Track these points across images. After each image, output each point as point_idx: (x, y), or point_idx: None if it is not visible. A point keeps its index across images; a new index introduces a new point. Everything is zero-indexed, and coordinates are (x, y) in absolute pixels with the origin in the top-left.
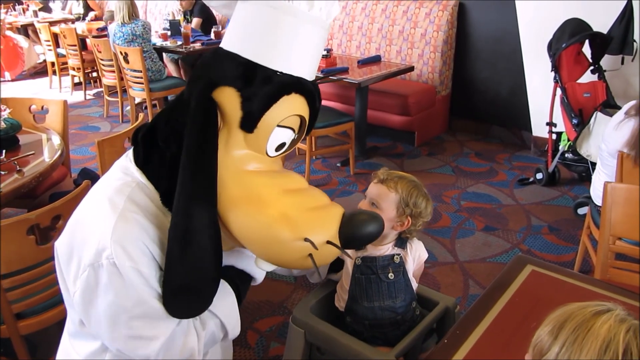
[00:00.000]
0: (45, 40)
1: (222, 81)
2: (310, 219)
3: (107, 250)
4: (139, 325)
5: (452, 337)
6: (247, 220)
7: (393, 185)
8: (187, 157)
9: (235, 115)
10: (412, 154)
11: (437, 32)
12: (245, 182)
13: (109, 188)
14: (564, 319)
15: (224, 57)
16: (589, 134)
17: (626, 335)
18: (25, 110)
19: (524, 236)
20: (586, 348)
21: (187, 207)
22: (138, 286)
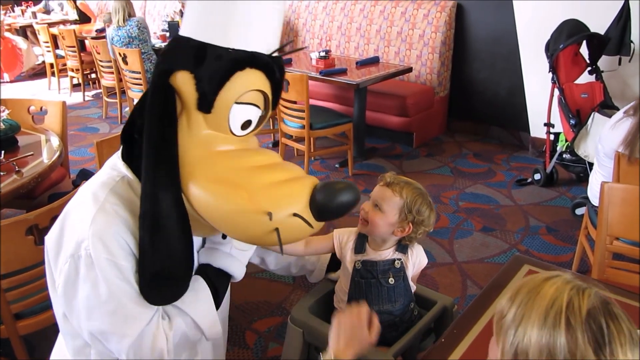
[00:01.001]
0: (44, 42)
1: (175, 66)
2: (274, 192)
3: (86, 241)
4: (111, 320)
5: (450, 336)
6: (213, 201)
7: (398, 189)
8: (148, 144)
9: (192, 98)
10: (411, 155)
11: (435, 33)
12: (210, 163)
13: (94, 183)
14: (520, 286)
15: (179, 43)
16: (587, 135)
17: (570, 292)
18: (24, 111)
19: (522, 237)
20: (536, 306)
21: (153, 194)
22: (112, 280)
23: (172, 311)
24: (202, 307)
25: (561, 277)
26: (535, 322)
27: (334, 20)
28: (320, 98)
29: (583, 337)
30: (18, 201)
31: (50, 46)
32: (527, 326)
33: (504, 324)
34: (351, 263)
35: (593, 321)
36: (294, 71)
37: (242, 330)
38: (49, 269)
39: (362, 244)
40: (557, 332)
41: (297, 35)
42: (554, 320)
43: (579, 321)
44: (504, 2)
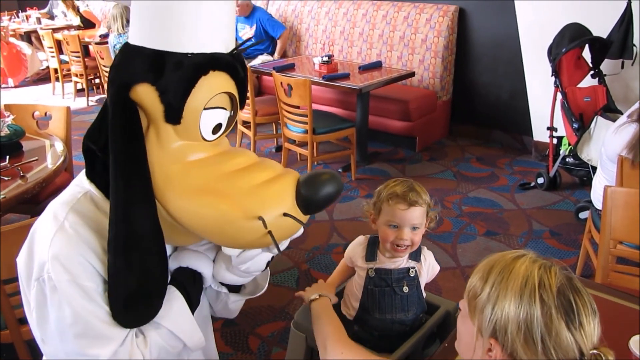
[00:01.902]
0: (48, 47)
1: (133, 79)
2: (260, 196)
3: (47, 264)
4: (81, 343)
5: (453, 341)
6: (199, 211)
7: (420, 198)
8: (116, 164)
9: (158, 110)
10: (414, 159)
11: (437, 37)
12: (189, 174)
13: (57, 201)
14: (490, 266)
15: (131, 54)
16: (590, 138)
17: (539, 271)
18: (29, 116)
19: (525, 241)
20: (510, 284)
21: (125, 215)
22: (76, 301)
23: (145, 326)
24: (178, 317)
25: (528, 256)
26: (511, 299)
27: (336, 25)
28: (323, 103)
29: (556, 312)
30: (22, 206)
31: (55, 51)
32: (504, 304)
33: (478, 303)
34: (364, 270)
35: (563, 297)
36: (297, 76)
37: (245, 335)
38: (22, 291)
39: (374, 252)
40: (532, 309)
41: (300, 40)
42: (529, 298)
43: (551, 298)
44: (506, 6)
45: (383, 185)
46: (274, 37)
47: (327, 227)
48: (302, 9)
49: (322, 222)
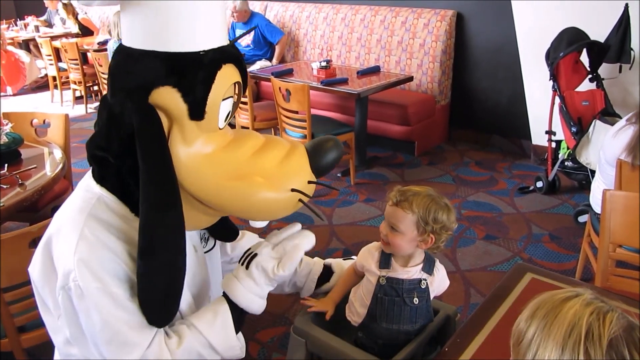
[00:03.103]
0: (46, 55)
1: (153, 84)
2: (286, 172)
3: (73, 272)
4: (109, 349)
5: (453, 345)
6: (236, 196)
7: (408, 205)
8: (147, 170)
9: (181, 110)
10: (413, 163)
11: (435, 42)
12: (218, 163)
13: (70, 208)
14: (537, 306)
15: (141, 59)
16: (588, 142)
17: (589, 318)
18: (27, 124)
19: (524, 245)
20: (554, 332)
21: (158, 218)
22: (105, 308)
23: (185, 331)
24: (220, 330)
25: (581, 298)
26: (552, 350)
27: (334, 30)
28: (322, 108)
29: None
30: (21, 214)
31: (53, 59)
32: (544, 354)
33: (521, 349)
34: (375, 277)
35: (615, 352)
36: (295, 81)
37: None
38: (38, 297)
39: (388, 259)
40: None
41: (298, 46)
42: (572, 351)
43: (599, 352)
44: (504, 11)
45: None
46: (272, 42)
47: (326, 231)
48: (300, 14)
49: (321, 226)
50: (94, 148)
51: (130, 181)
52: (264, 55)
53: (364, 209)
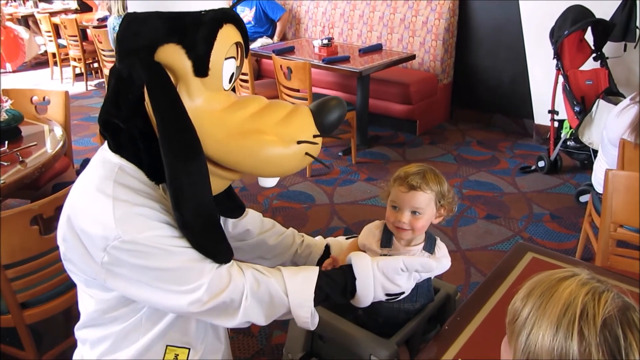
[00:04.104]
0: (45, 31)
1: (157, 42)
2: (291, 126)
3: (114, 231)
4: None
5: (453, 324)
6: (245, 150)
7: (425, 185)
8: (164, 120)
9: (186, 66)
10: (414, 142)
11: (438, 20)
12: (224, 121)
13: (93, 179)
14: (534, 286)
15: (145, 20)
16: (591, 122)
17: (584, 298)
18: (27, 101)
19: (525, 224)
20: (549, 311)
21: (187, 170)
22: (157, 253)
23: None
24: (300, 281)
25: (577, 278)
26: (547, 329)
27: (336, 7)
28: (323, 86)
29: (597, 350)
30: (22, 191)
31: (52, 36)
32: (539, 332)
33: (516, 327)
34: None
35: (609, 332)
36: (297, 59)
37: None
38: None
39: (389, 238)
40: (569, 342)
41: (300, 23)
42: (567, 330)
43: (592, 332)
44: None
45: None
46: (273, 19)
47: (327, 210)
48: None
49: (322, 205)
50: (104, 115)
51: (141, 145)
52: (265, 33)
53: (365, 188)
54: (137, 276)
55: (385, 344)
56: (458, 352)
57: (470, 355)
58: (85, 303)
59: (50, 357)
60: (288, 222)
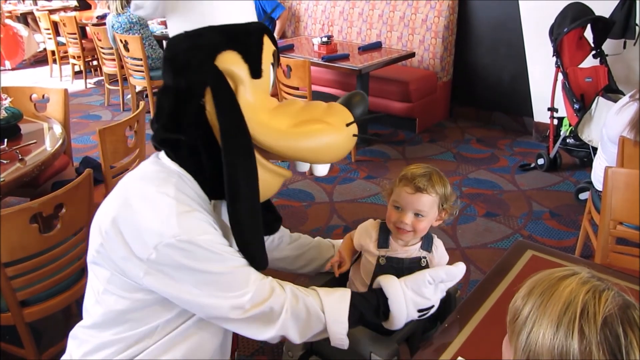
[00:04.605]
0: (45, 29)
1: (217, 51)
2: (337, 114)
3: (173, 229)
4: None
5: (453, 321)
6: (303, 139)
7: (431, 188)
8: (227, 124)
9: (244, 69)
10: (414, 140)
11: (438, 17)
12: (281, 115)
13: (152, 180)
14: (534, 284)
15: (201, 34)
16: (591, 119)
17: (585, 296)
18: (26, 99)
19: (525, 222)
20: (549, 310)
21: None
22: (210, 257)
23: (301, 287)
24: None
25: (577, 277)
26: (547, 328)
27: (336, 5)
28: (323, 84)
29: (598, 348)
30: (21, 189)
31: (52, 33)
32: (539, 331)
33: (516, 326)
34: (374, 257)
35: (609, 330)
36: (296, 57)
37: None
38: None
39: (386, 238)
40: (569, 341)
41: (299, 21)
42: (567, 329)
43: (593, 330)
44: None
45: (406, 167)
46: (272, 17)
47: (327, 208)
48: None
49: (322, 203)
50: (162, 134)
51: (202, 156)
52: None
53: (365, 186)
54: (183, 277)
55: (385, 342)
56: (458, 350)
57: (470, 353)
58: (102, 302)
59: (50, 355)
60: (288, 220)
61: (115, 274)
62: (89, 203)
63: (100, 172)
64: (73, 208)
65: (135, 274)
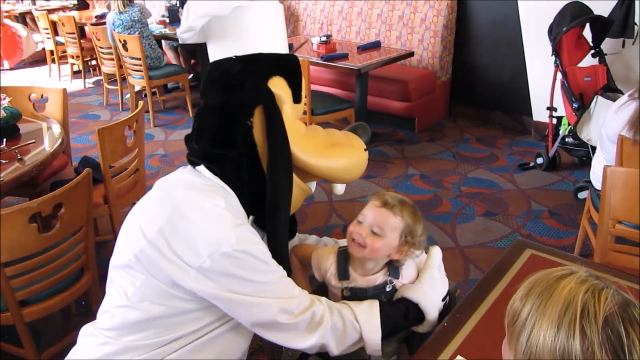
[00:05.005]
0: (43, 29)
1: (269, 75)
2: (355, 139)
3: (230, 238)
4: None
5: (452, 320)
6: (336, 158)
7: (399, 211)
8: (275, 141)
9: (288, 94)
10: (413, 140)
11: (437, 16)
12: (316, 136)
13: (200, 192)
14: (532, 285)
15: (257, 60)
16: (590, 118)
17: (584, 296)
18: (25, 98)
19: (524, 221)
20: (549, 311)
21: (282, 179)
22: (261, 267)
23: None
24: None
25: (575, 276)
26: (548, 328)
27: (335, 4)
28: (322, 83)
29: (600, 348)
30: (20, 189)
31: (50, 33)
32: (540, 333)
33: (515, 328)
34: (338, 290)
35: (610, 329)
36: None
37: None
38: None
39: (345, 270)
40: (571, 342)
41: (298, 20)
42: (568, 329)
43: (594, 330)
44: None
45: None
46: None
47: (326, 208)
48: None
49: (321, 203)
50: (208, 149)
51: (244, 172)
52: None
53: (364, 185)
54: (235, 283)
55: (385, 341)
56: (457, 348)
57: (469, 351)
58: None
59: (49, 354)
60: None
61: (151, 279)
62: (88, 203)
63: (99, 172)
64: (72, 208)
65: (181, 279)
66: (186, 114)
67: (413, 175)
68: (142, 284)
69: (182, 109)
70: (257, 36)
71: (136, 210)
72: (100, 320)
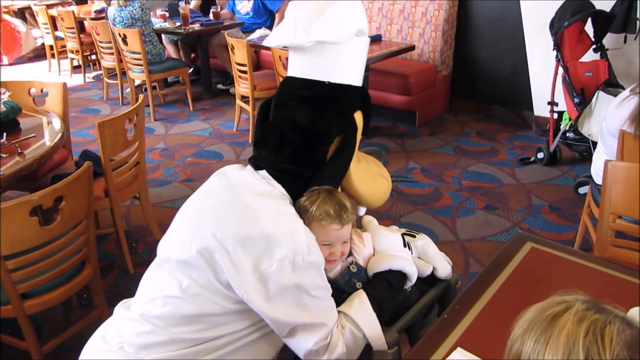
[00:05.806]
0: (42, 24)
1: (357, 107)
2: (383, 168)
3: (303, 248)
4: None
5: (452, 312)
6: (376, 188)
7: (347, 216)
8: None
9: (361, 127)
10: (413, 134)
11: (438, 10)
12: (363, 168)
13: (273, 201)
14: (526, 327)
15: (348, 90)
16: (591, 113)
17: (585, 340)
18: (25, 93)
19: (524, 215)
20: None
21: None
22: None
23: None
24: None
25: (572, 312)
26: None
27: None
28: None
29: None
30: (21, 183)
31: (49, 28)
32: None
33: None
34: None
35: None
36: None
37: None
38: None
39: None
40: None
41: None
42: None
43: None
44: None
45: (308, 200)
46: (272, 10)
47: None
48: None
49: None
50: (289, 166)
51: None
52: (263, 24)
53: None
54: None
55: (386, 332)
56: (457, 340)
57: (469, 343)
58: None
59: (51, 347)
60: None
61: (209, 276)
62: (88, 196)
63: (100, 165)
64: (73, 201)
65: (239, 285)
66: (186, 107)
67: (413, 169)
68: (199, 278)
69: (182, 103)
70: (352, 68)
71: (200, 206)
72: (148, 308)
